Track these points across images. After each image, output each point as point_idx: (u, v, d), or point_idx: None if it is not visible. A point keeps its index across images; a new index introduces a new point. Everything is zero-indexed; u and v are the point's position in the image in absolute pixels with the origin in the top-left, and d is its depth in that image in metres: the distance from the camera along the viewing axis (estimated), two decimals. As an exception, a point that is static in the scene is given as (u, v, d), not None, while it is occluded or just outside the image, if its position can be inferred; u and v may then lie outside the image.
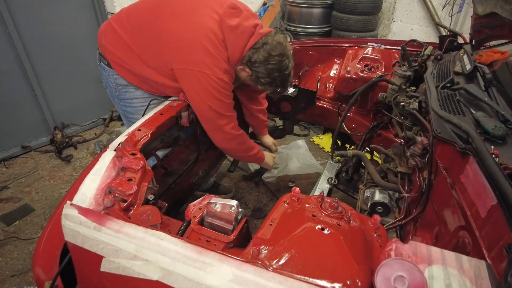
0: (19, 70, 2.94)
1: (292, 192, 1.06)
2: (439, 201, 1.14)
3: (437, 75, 1.57)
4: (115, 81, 1.70)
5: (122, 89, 1.72)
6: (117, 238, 0.86)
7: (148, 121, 1.43)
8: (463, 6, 4.22)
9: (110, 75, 1.70)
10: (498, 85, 1.37)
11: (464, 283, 0.70)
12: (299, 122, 2.51)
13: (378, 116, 2.03)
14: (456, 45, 1.94)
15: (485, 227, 0.83)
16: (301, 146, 3.28)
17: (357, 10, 4.30)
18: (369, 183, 1.61)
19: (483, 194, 0.88)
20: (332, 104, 2.19)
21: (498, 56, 1.54)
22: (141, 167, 1.14)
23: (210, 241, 0.95)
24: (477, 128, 1.08)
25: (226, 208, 0.99)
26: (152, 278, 0.78)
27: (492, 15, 1.61)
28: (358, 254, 0.85)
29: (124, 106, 1.78)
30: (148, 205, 1.07)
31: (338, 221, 0.93)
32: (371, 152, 2.00)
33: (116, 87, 1.72)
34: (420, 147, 1.33)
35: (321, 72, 2.31)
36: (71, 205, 0.94)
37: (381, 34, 5.02)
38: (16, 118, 3.06)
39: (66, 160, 3.10)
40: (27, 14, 2.85)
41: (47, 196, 2.70)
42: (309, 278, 0.76)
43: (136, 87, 1.70)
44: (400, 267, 0.71)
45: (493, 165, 0.87)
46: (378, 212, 1.46)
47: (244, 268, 0.77)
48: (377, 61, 2.01)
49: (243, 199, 2.70)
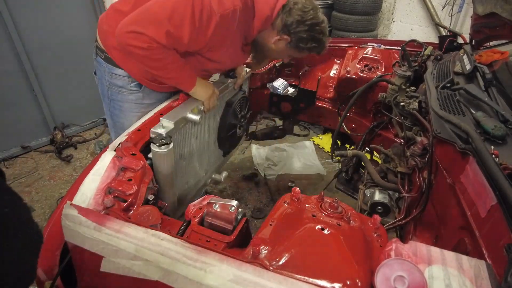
0: (19, 70, 2.94)
1: (292, 192, 1.06)
2: (439, 201, 1.14)
3: (437, 75, 1.57)
4: (110, 79, 1.60)
5: (115, 90, 1.62)
6: (117, 238, 0.85)
7: (148, 121, 1.43)
8: (463, 6, 4.22)
9: (106, 72, 1.59)
10: (498, 85, 1.37)
11: (464, 283, 0.70)
12: (299, 122, 2.51)
13: (378, 116, 2.03)
14: (456, 45, 1.94)
15: (485, 227, 0.83)
16: (308, 146, 3.29)
17: (357, 10, 4.30)
18: (369, 183, 1.61)
19: (483, 194, 0.88)
20: (332, 104, 2.19)
21: (498, 56, 1.54)
22: (141, 167, 1.14)
23: (210, 241, 0.95)
24: (477, 128, 1.09)
25: (226, 208, 0.99)
26: (152, 278, 0.78)
27: (492, 15, 1.61)
28: (358, 254, 0.85)
29: (113, 107, 1.68)
30: (148, 205, 1.07)
31: (338, 221, 0.94)
32: (371, 152, 2.00)
33: (110, 86, 1.62)
34: (420, 147, 1.33)
35: (321, 72, 2.31)
36: (71, 205, 0.94)
37: (381, 34, 5.02)
38: (16, 118, 3.06)
39: (66, 160, 3.10)
40: (27, 14, 2.85)
41: (47, 196, 2.70)
42: (309, 278, 0.76)
43: (130, 91, 1.60)
44: (400, 267, 0.71)
45: (493, 165, 0.87)
46: (378, 212, 1.46)
47: (244, 268, 0.77)
48: (377, 61, 2.01)
49: (243, 199, 2.70)
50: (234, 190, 2.80)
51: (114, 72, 1.59)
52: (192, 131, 1.51)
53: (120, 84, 1.60)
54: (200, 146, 1.66)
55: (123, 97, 1.63)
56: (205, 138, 1.69)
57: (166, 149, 1.26)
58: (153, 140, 1.26)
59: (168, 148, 1.27)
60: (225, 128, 1.80)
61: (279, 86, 2.16)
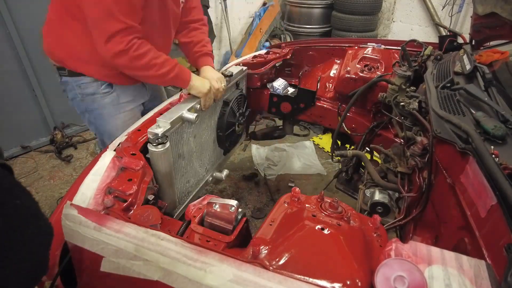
0: (19, 70, 2.94)
1: (292, 192, 1.06)
2: (439, 201, 1.14)
3: (437, 75, 1.57)
4: (80, 91, 1.56)
5: (89, 99, 1.58)
6: (117, 238, 0.85)
7: (148, 121, 1.43)
8: (463, 6, 4.22)
9: (75, 86, 1.55)
10: (498, 85, 1.37)
11: (464, 283, 0.70)
12: (299, 122, 2.51)
13: (378, 116, 2.02)
14: (456, 45, 1.94)
15: (485, 227, 0.83)
16: (308, 147, 3.29)
17: (357, 10, 4.30)
18: (369, 183, 1.61)
19: (483, 194, 0.88)
20: (332, 104, 2.19)
21: (498, 56, 1.54)
22: (141, 167, 1.14)
23: (210, 241, 0.95)
24: (477, 128, 1.09)
25: (226, 208, 0.99)
26: (152, 278, 0.78)
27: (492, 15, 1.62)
28: (358, 254, 0.85)
29: (95, 118, 1.65)
30: (148, 205, 1.07)
31: (338, 221, 0.94)
32: (371, 152, 2.00)
33: (83, 99, 1.58)
34: (420, 147, 1.33)
35: (321, 72, 2.31)
36: (71, 205, 0.94)
37: (381, 34, 5.02)
38: (16, 118, 3.06)
39: (66, 160, 3.10)
40: (27, 14, 2.85)
41: (47, 196, 2.70)
42: (309, 278, 0.76)
43: (103, 94, 1.57)
44: (400, 267, 0.71)
45: (493, 165, 0.87)
46: (378, 212, 1.46)
47: (244, 268, 0.77)
48: (377, 61, 2.01)
49: (243, 199, 2.70)
50: (234, 190, 2.80)
51: (81, 82, 1.55)
52: (189, 130, 1.51)
53: (91, 91, 1.57)
54: (200, 145, 1.65)
55: (99, 103, 1.60)
56: (204, 137, 1.69)
57: (162, 148, 1.27)
58: (150, 140, 1.26)
59: (164, 147, 1.27)
60: (223, 126, 1.80)
61: (279, 86, 2.16)
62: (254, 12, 4.74)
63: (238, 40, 4.78)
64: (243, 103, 1.94)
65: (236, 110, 1.87)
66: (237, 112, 1.88)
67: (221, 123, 1.79)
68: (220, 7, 4.32)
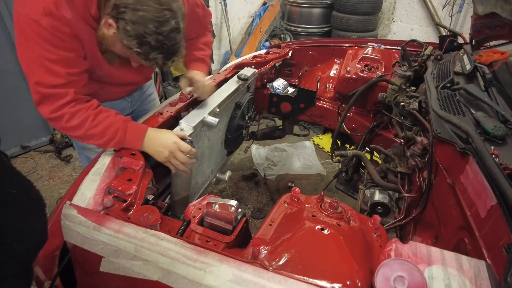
0: (19, 70, 2.92)
1: (292, 192, 1.06)
2: (439, 201, 1.14)
3: (437, 75, 1.57)
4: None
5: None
6: (117, 238, 0.85)
7: (148, 121, 1.43)
8: (463, 6, 4.22)
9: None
10: (498, 85, 1.37)
11: (464, 283, 0.70)
12: (299, 122, 2.51)
13: (378, 116, 2.03)
14: (456, 45, 1.94)
15: (485, 227, 0.83)
16: (308, 147, 3.29)
17: (357, 10, 4.30)
18: (369, 183, 1.61)
19: (483, 194, 0.87)
20: (332, 104, 2.18)
21: (498, 56, 1.54)
22: (141, 167, 1.14)
23: (209, 241, 0.95)
24: (477, 128, 1.08)
25: (226, 208, 0.99)
26: (152, 278, 0.78)
27: (492, 15, 1.61)
28: (358, 254, 0.84)
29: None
30: (148, 205, 1.07)
31: (338, 221, 0.93)
32: (371, 152, 2.00)
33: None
34: (420, 147, 1.33)
35: (321, 72, 2.31)
36: (70, 205, 0.94)
37: (381, 34, 5.02)
38: (16, 118, 3.05)
39: (66, 160, 3.10)
40: (27, 14, 2.84)
41: (46, 196, 2.69)
42: (309, 278, 0.76)
43: None
44: (400, 267, 0.71)
45: (493, 165, 0.87)
46: (378, 212, 1.46)
47: (244, 268, 0.77)
48: (377, 61, 2.01)
49: (243, 199, 2.70)
50: (234, 190, 2.80)
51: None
52: (206, 133, 1.52)
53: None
54: (210, 147, 1.66)
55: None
56: (215, 139, 1.70)
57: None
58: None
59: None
60: (233, 129, 1.79)
61: (279, 86, 2.16)
62: (254, 12, 4.74)
63: (238, 40, 4.78)
64: (252, 106, 1.95)
65: (246, 113, 1.88)
66: (246, 115, 1.89)
67: (232, 126, 1.79)
68: (220, 7, 4.32)
